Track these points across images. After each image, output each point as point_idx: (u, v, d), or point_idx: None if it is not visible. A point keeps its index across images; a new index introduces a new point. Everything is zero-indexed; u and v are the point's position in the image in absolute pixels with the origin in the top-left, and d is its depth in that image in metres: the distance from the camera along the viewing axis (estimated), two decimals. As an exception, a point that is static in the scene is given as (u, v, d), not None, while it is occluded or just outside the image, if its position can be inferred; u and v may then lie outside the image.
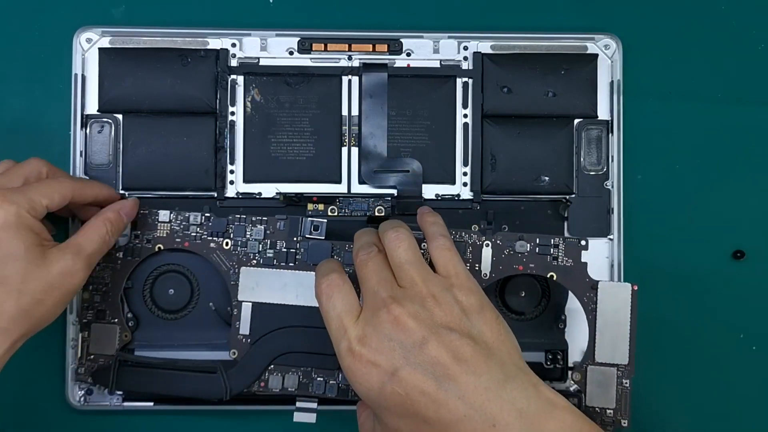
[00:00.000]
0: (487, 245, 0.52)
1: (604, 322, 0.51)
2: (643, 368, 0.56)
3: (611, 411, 0.51)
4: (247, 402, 0.54)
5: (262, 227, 0.54)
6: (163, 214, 0.54)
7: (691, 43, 0.58)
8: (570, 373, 0.54)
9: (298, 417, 0.52)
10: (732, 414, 0.57)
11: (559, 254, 0.52)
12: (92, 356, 0.54)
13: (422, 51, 0.56)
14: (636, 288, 0.51)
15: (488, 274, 0.52)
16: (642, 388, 0.56)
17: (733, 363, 0.57)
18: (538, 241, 0.52)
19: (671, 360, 0.57)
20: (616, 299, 0.51)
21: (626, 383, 0.51)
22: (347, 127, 0.56)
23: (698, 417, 0.57)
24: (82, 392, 0.54)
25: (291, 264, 0.53)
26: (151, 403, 0.54)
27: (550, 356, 0.55)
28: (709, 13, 0.58)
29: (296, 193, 0.55)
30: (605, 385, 0.51)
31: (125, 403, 0.54)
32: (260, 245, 0.53)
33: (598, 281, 0.51)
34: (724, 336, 0.57)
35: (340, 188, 0.56)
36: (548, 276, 0.52)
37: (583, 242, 0.52)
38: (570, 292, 0.53)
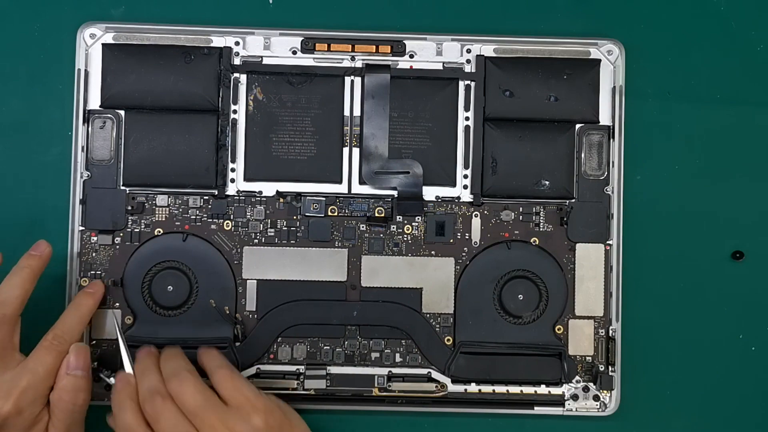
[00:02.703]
0: (476, 216, 0.55)
1: (581, 280, 0.56)
2: (644, 369, 0.57)
3: (590, 357, 0.56)
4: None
5: (262, 208, 0.55)
6: (161, 198, 0.55)
7: (693, 47, 0.58)
8: (553, 327, 0.56)
9: (309, 384, 0.55)
10: (732, 414, 0.57)
11: (541, 221, 0.55)
12: (94, 342, 0.55)
13: (425, 53, 0.56)
14: (608, 248, 0.56)
15: (478, 242, 0.55)
16: (642, 389, 0.56)
17: (732, 363, 0.57)
18: (521, 210, 0.55)
19: (671, 361, 0.57)
20: (591, 258, 0.56)
21: (602, 332, 0.56)
22: (349, 128, 0.56)
23: (698, 417, 0.57)
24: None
25: (292, 241, 0.55)
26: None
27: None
28: (709, 15, 0.58)
29: (296, 193, 0.55)
30: (584, 335, 0.56)
31: (122, 399, 0.55)
32: (261, 225, 0.55)
33: (575, 243, 0.55)
34: (723, 336, 0.57)
35: (341, 188, 0.56)
36: (531, 241, 0.55)
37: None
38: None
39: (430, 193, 0.56)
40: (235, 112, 0.56)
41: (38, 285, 0.55)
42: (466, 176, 0.56)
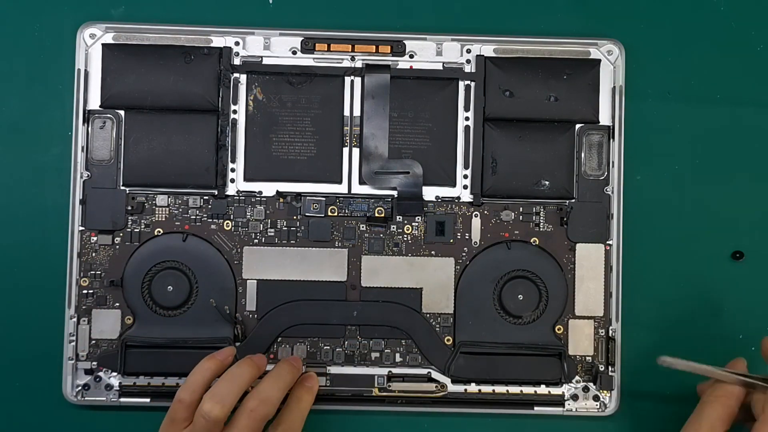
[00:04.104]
0: (476, 215, 0.55)
1: (581, 280, 0.56)
2: (644, 369, 0.56)
3: (590, 357, 0.56)
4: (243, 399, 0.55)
5: (262, 208, 0.55)
6: (161, 198, 0.55)
7: (693, 47, 0.58)
8: (554, 327, 0.56)
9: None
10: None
11: (541, 221, 0.55)
12: (94, 342, 0.55)
13: (425, 53, 0.56)
14: (608, 248, 0.56)
15: (478, 242, 0.55)
16: (641, 391, 0.56)
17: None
18: (521, 210, 0.55)
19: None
20: (591, 258, 0.56)
21: (602, 332, 0.56)
22: (349, 128, 0.56)
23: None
24: (79, 387, 0.55)
25: (292, 241, 0.55)
26: (148, 399, 0.55)
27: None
28: (709, 15, 0.58)
29: (296, 193, 0.55)
30: (584, 335, 0.56)
31: (122, 399, 0.55)
32: (261, 225, 0.55)
33: (575, 243, 0.55)
34: (724, 336, 0.57)
35: (341, 188, 0.56)
36: (531, 241, 0.56)
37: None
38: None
39: (430, 193, 0.56)
40: (235, 112, 0.56)
41: (38, 285, 0.55)
42: (466, 176, 0.56)
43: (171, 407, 0.49)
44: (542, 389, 0.56)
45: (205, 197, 0.55)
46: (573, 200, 0.56)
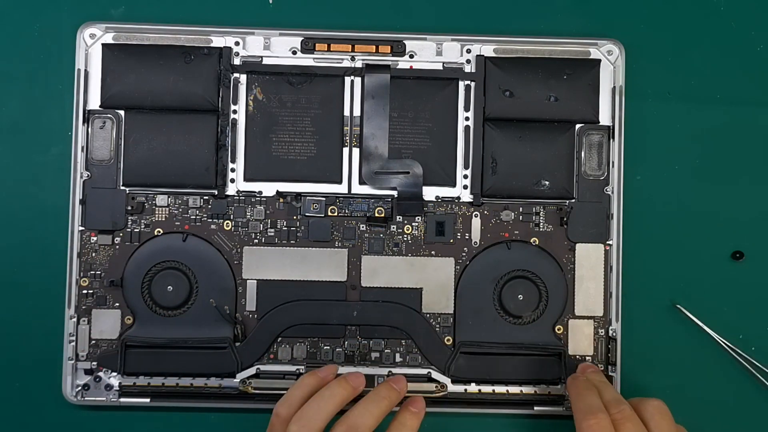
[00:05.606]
0: (476, 216, 0.56)
1: (581, 280, 0.56)
2: (644, 369, 0.57)
3: (590, 357, 0.56)
4: (243, 399, 0.55)
5: (262, 208, 0.55)
6: (161, 198, 0.55)
7: (693, 47, 0.58)
8: (553, 327, 0.56)
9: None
10: (732, 414, 0.57)
11: (541, 221, 0.55)
12: (94, 342, 0.55)
13: (425, 53, 0.56)
14: (608, 248, 0.56)
15: (478, 242, 0.56)
16: (642, 391, 0.56)
17: (732, 363, 0.57)
18: (521, 210, 0.55)
19: (672, 361, 0.57)
20: (591, 258, 0.56)
21: (602, 332, 0.56)
22: (349, 128, 0.56)
23: (698, 417, 0.57)
24: (79, 387, 0.55)
25: (292, 241, 0.55)
26: (148, 399, 0.55)
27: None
28: (709, 15, 0.58)
29: (296, 194, 0.55)
30: (584, 335, 0.56)
31: (122, 399, 0.55)
32: (261, 225, 0.55)
33: (575, 243, 0.55)
34: (723, 336, 0.57)
35: (341, 188, 0.56)
36: (531, 241, 0.56)
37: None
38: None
39: (430, 193, 0.56)
40: (235, 112, 0.56)
41: (38, 285, 0.55)
42: (466, 176, 0.56)
43: (270, 420, 0.49)
44: (542, 389, 0.56)
45: (205, 197, 0.55)
46: (573, 200, 0.56)
